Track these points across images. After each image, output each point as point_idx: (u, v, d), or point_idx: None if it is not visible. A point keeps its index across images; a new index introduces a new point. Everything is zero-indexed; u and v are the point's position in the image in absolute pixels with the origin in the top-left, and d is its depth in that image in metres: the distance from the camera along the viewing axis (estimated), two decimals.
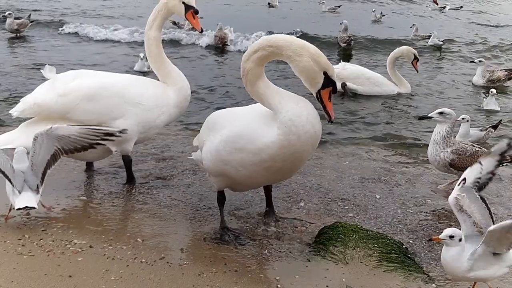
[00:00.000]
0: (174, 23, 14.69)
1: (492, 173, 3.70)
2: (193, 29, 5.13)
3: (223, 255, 3.84)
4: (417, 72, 9.92)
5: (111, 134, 4.23)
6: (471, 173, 3.70)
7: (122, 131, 4.27)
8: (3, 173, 4.00)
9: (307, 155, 3.75)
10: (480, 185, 3.68)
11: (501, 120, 7.19)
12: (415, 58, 9.51)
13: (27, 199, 3.96)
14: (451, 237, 3.31)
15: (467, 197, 3.57)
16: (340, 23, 13.54)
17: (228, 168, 3.75)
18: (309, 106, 3.61)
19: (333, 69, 3.53)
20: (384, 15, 18.59)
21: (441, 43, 13.36)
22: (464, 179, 3.69)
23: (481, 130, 6.74)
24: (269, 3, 21.14)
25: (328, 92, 3.53)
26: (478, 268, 3.31)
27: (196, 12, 4.84)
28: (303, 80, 3.58)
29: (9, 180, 3.99)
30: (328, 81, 3.50)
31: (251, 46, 3.64)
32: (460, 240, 3.32)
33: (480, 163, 3.70)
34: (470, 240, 3.38)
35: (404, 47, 9.82)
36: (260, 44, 3.55)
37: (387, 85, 9.42)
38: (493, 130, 6.81)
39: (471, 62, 11.01)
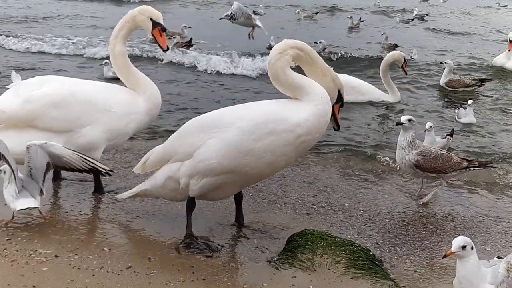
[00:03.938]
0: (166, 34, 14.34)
1: None
2: (154, 40, 5.09)
3: (191, 264, 3.82)
4: (406, 74, 10.05)
5: (98, 171, 4.46)
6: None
7: (109, 172, 4.46)
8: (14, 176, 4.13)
9: None
10: None
11: (453, 129, 7.36)
12: (404, 61, 9.65)
13: (27, 200, 4.06)
14: (463, 247, 3.16)
15: None
16: (315, 42, 13.61)
17: (246, 159, 3.81)
18: None
19: (343, 87, 4.24)
20: (362, 21, 18.67)
21: (414, 58, 13.49)
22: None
23: (442, 138, 6.91)
24: (254, 11, 21.13)
25: (338, 106, 4.24)
26: None
27: (164, 29, 4.81)
28: None
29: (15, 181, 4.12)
30: (340, 98, 4.22)
31: (295, 41, 4.03)
32: (472, 248, 3.17)
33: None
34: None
35: (395, 52, 9.96)
36: (307, 50, 4.03)
37: (372, 93, 9.42)
38: (451, 138, 7.01)
39: (440, 63, 11.61)
